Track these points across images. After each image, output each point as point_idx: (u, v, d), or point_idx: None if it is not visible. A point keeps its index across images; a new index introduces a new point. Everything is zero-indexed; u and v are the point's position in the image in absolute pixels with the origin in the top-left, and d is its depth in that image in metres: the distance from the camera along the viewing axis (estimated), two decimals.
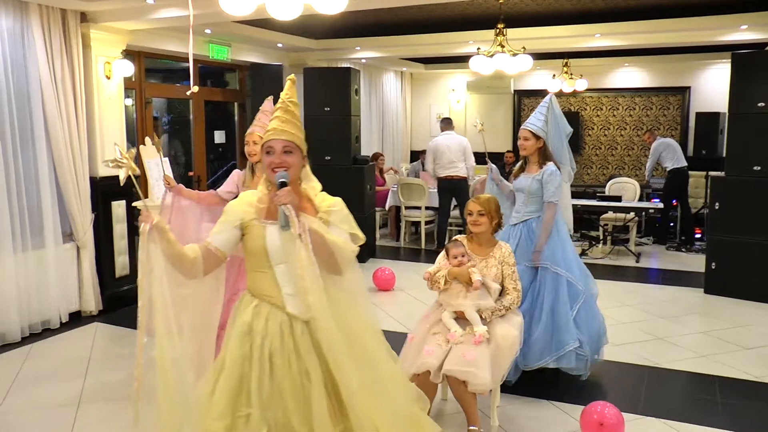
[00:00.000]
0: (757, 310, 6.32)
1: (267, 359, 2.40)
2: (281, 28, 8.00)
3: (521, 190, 4.59)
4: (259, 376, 2.39)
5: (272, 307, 2.46)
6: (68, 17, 5.83)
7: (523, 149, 4.59)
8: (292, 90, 2.62)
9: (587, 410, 3.71)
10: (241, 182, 4.20)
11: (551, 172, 4.48)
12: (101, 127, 6.31)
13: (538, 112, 4.62)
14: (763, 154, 6.55)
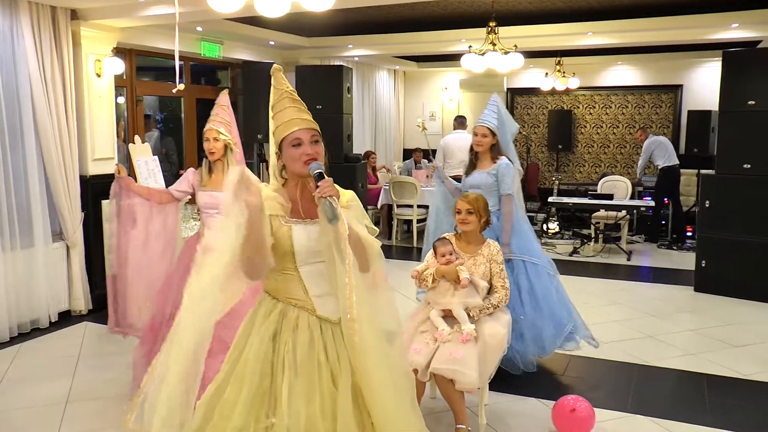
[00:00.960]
0: (746, 308, 6.35)
1: (293, 366, 2.25)
2: (273, 25, 7.98)
3: (477, 187, 4.65)
4: (285, 385, 2.23)
5: (300, 311, 2.33)
6: (58, 14, 5.81)
7: (480, 146, 4.68)
8: (285, 80, 2.48)
9: (559, 403, 3.78)
10: (198, 181, 4.07)
11: (506, 165, 4.61)
12: (91, 125, 6.29)
13: (490, 110, 4.71)
14: (754, 152, 6.57)
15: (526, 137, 11.80)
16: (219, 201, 3.87)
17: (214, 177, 4.02)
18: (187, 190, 4.09)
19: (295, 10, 3.50)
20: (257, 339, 2.32)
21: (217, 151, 3.97)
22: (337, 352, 2.29)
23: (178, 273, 3.93)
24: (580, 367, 4.91)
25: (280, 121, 2.36)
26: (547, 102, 12.16)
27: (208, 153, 3.99)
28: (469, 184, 4.73)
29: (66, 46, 5.89)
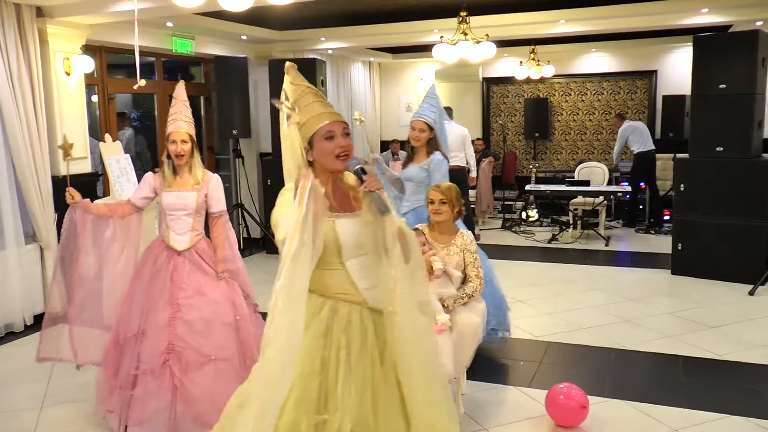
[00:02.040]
0: (722, 289, 6.42)
1: (347, 362, 2.25)
2: (244, 19, 7.91)
3: (410, 180, 4.70)
4: (339, 381, 2.23)
5: (352, 306, 2.32)
6: (23, 12, 5.70)
7: (417, 140, 4.67)
8: (301, 75, 2.47)
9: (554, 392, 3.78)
10: (160, 184, 3.82)
11: (438, 161, 4.62)
12: (62, 124, 6.20)
13: (429, 104, 4.71)
14: (726, 136, 6.64)
15: (503, 126, 11.82)
16: (187, 201, 3.78)
17: (180, 178, 3.82)
18: (148, 196, 3.87)
19: (260, 4, 3.46)
20: (308, 337, 2.26)
21: (186, 153, 3.78)
22: (387, 343, 2.31)
23: (141, 284, 3.76)
24: (558, 354, 4.93)
25: (309, 115, 2.33)
26: (523, 90, 12.18)
27: (176, 156, 3.77)
28: (405, 177, 4.75)
29: (32, 44, 5.79)
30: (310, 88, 2.41)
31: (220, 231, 3.92)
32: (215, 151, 9.34)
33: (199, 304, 3.68)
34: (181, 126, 3.82)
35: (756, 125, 6.58)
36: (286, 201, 2.28)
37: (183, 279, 3.72)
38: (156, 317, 3.63)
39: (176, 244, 3.78)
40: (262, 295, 6.56)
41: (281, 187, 2.39)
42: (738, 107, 6.56)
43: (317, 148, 2.31)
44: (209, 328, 3.66)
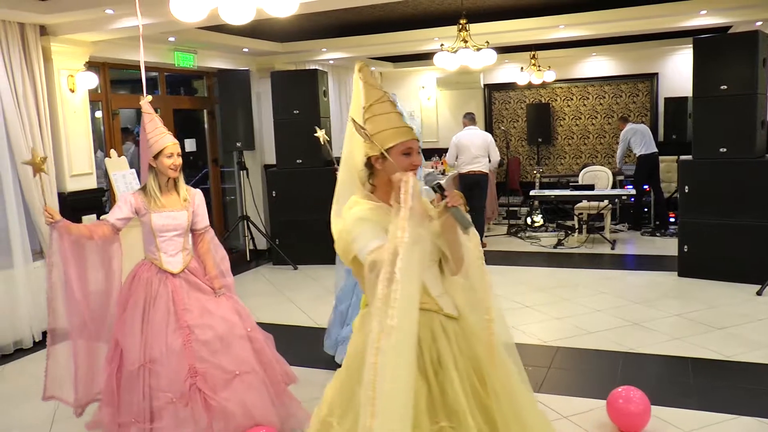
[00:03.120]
0: (728, 290, 6.40)
1: (436, 369, 2.25)
2: (245, 32, 7.96)
3: None
4: (449, 386, 2.23)
5: (429, 314, 2.30)
6: (27, 31, 5.77)
7: None
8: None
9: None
10: (143, 204, 3.62)
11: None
12: (67, 141, 6.25)
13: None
14: (729, 136, 6.64)
15: (506, 132, 11.84)
16: (178, 221, 3.67)
17: (167, 197, 3.67)
18: (128, 216, 3.64)
19: (261, 17, 3.49)
20: None
21: (178, 167, 3.65)
22: (462, 347, 2.32)
23: (136, 312, 3.58)
24: (567, 358, 4.93)
25: (389, 126, 2.34)
26: (525, 96, 12.20)
27: (170, 170, 3.61)
28: None
29: (37, 62, 5.84)
30: (387, 94, 2.41)
31: (207, 247, 3.83)
32: (219, 164, 9.38)
33: (210, 323, 3.61)
34: (172, 139, 3.66)
35: (759, 125, 6.58)
36: (360, 214, 2.27)
37: (185, 301, 3.62)
38: (167, 344, 3.50)
39: (171, 267, 3.66)
40: (268, 306, 6.61)
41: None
42: (740, 108, 6.56)
43: (393, 161, 2.31)
44: (226, 345, 3.62)
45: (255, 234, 9.02)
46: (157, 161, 3.60)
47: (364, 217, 2.27)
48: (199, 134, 9.23)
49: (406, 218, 2.06)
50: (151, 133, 3.64)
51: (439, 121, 12.73)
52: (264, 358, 3.76)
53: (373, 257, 2.16)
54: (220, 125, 8.99)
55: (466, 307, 2.35)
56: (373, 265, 2.14)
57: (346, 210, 2.34)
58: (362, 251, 2.22)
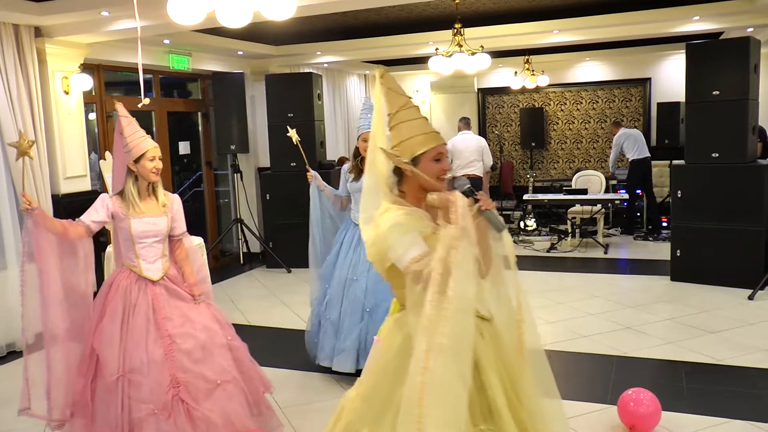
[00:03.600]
0: (721, 294, 6.44)
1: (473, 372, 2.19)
2: (240, 35, 7.97)
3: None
4: (488, 387, 2.23)
5: None
6: (21, 32, 5.75)
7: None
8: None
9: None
10: (120, 209, 3.49)
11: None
12: (62, 143, 6.24)
13: (368, 115, 4.75)
14: (721, 141, 6.68)
15: (499, 136, 11.88)
16: (158, 227, 3.56)
17: (146, 202, 3.56)
18: (104, 220, 3.50)
19: (258, 20, 3.50)
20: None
21: (160, 171, 3.57)
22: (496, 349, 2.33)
23: (113, 322, 3.43)
24: (560, 362, 4.95)
25: (418, 132, 2.34)
26: (518, 100, 12.25)
27: (152, 174, 3.52)
28: (358, 188, 4.72)
29: (31, 64, 5.83)
30: (411, 99, 2.42)
31: (185, 253, 3.73)
32: (213, 167, 9.37)
33: (191, 331, 3.49)
34: (153, 142, 3.57)
35: (750, 130, 6.63)
36: (396, 219, 2.25)
37: (165, 309, 3.50)
38: (148, 353, 3.37)
39: (150, 274, 3.54)
40: (262, 309, 6.61)
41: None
42: (732, 113, 6.61)
43: (423, 167, 2.32)
44: (208, 354, 3.52)
45: (248, 237, 9.02)
46: (138, 165, 3.49)
47: (401, 223, 2.24)
48: (193, 137, 9.23)
49: (459, 238, 2.05)
50: (130, 136, 3.52)
51: (433, 125, 12.73)
52: (243, 367, 3.68)
53: (417, 268, 2.13)
54: (215, 128, 8.98)
55: (495, 309, 2.36)
56: (418, 276, 2.12)
57: (379, 215, 2.31)
58: (402, 259, 2.19)
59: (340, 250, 4.84)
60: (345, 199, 4.96)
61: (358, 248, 4.71)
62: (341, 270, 4.74)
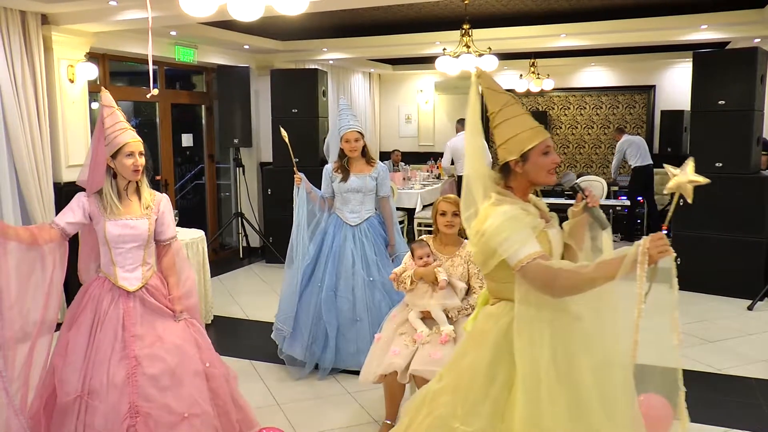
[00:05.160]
0: (720, 304, 6.44)
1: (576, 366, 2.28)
2: (247, 29, 7.95)
3: (358, 191, 4.81)
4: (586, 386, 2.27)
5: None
6: (28, 19, 5.73)
7: (354, 150, 4.79)
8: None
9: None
10: (98, 210, 3.12)
11: (384, 168, 4.91)
12: (65, 131, 6.22)
13: (349, 115, 4.82)
14: (725, 151, 6.68)
15: None
16: (138, 231, 3.16)
17: (126, 203, 3.19)
18: (80, 221, 3.14)
19: (269, 14, 3.49)
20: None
21: (142, 168, 3.19)
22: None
23: (79, 334, 3.08)
24: None
25: (525, 128, 2.36)
26: (522, 103, 12.16)
27: (133, 171, 3.14)
28: (348, 189, 4.81)
29: (37, 51, 5.81)
30: (513, 96, 2.43)
31: (172, 261, 3.32)
32: (216, 160, 9.35)
33: (161, 353, 3.06)
34: (134, 135, 3.19)
35: (755, 141, 6.63)
36: (512, 212, 2.27)
37: (137, 325, 3.10)
38: (109, 375, 2.97)
39: (126, 284, 3.15)
40: (260, 304, 6.59)
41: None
42: (737, 123, 6.60)
43: (533, 162, 2.34)
44: (177, 382, 3.07)
45: (249, 231, 9.00)
46: (116, 161, 3.12)
47: (516, 217, 2.26)
48: (196, 129, 9.21)
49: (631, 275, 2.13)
50: (110, 128, 3.14)
51: (436, 125, 12.75)
52: (220, 400, 3.22)
53: (545, 264, 2.18)
54: (218, 121, 8.97)
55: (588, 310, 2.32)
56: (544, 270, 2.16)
57: (491, 208, 2.30)
58: (516, 255, 2.20)
59: (331, 250, 4.82)
60: (330, 199, 4.96)
61: (364, 247, 4.78)
62: (353, 270, 4.77)
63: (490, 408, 2.25)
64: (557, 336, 2.22)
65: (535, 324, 2.21)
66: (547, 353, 2.18)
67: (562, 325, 2.25)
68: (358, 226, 4.85)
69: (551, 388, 2.15)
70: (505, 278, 2.29)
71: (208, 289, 6.07)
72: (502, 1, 7.10)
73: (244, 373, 4.87)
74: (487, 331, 2.36)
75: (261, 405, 4.29)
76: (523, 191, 2.41)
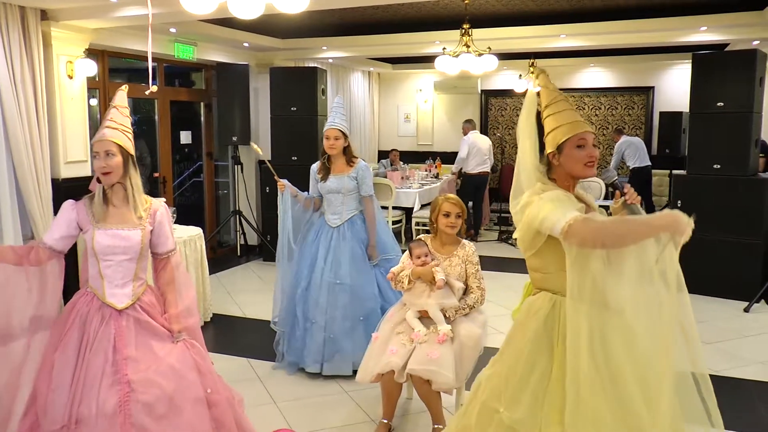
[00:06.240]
0: (717, 306, 6.45)
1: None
2: (247, 27, 7.95)
3: (337, 191, 4.72)
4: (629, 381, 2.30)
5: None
6: (27, 15, 5.71)
7: (333, 149, 4.70)
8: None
9: None
10: (87, 218, 2.87)
11: (365, 167, 4.75)
12: (63, 127, 6.20)
13: (337, 112, 4.74)
14: (723, 153, 6.69)
15: (501, 139, 11.87)
16: (129, 243, 2.86)
17: (115, 210, 2.89)
18: (71, 234, 2.89)
19: (270, 12, 3.49)
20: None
21: (112, 171, 2.84)
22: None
23: (66, 357, 2.77)
24: None
25: (564, 122, 2.45)
26: (521, 104, 12.08)
27: (101, 175, 2.84)
28: (328, 189, 4.75)
29: (36, 47, 5.79)
30: (562, 94, 2.52)
31: (171, 276, 3.01)
32: (214, 158, 9.35)
33: (157, 378, 2.74)
34: (106, 134, 2.86)
35: (753, 143, 6.64)
36: (556, 195, 2.36)
37: (130, 347, 2.79)
38: (99, 402, 2.67)
39: (114, 300, 2.84)
40: (258, 302, 6.59)
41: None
42: (735, 125, 6.62)
43: (566, 154, 2.44)
44: (175, 410, 2.75)
45: (247, 229, 9.00)
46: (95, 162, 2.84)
47: (561, 199, 2.34)
48: (194, 127, 9.20)
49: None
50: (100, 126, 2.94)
51: (435, 125, 12.76)
52: (224, 430, 2.93)
53: (589, 218, 2.21)
54: (217, 119, 8.96)
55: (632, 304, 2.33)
56: (590, 225, 2.18)
57: (535, 195, 2.40)
58: (560, 221, 2.23)
59: (318, 251, 4.77)
60: (317, 199, 4.92)
61: (337, 250, 4.69)
62: (319, 274, 4.70)
63: (530, 396, 2.35)
64: (596, 328, 2.26)
65: (577, 316, 2.26)
66: (586, 345, 2.23)
67: (602, 318, 2.28)
68: (338, 227, 4.76)
69: (592, 379, 2.20)
70: (546, 268, 2.40)
71: (206, 287, 6.08)
72: (502, 1, 7.11)
73: (242, 371, 4.88)
74: (527, 321, 2.48)
75: (258, 404, 4.29)
76: (565, 183, 2.48)
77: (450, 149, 12.26)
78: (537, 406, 2.35)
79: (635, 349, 2.28)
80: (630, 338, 2.29)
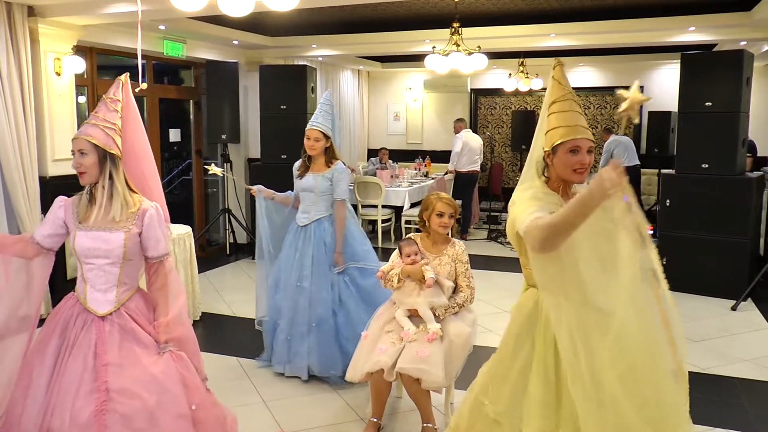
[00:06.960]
0: (704, 304, 6.49)
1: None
2: (236, 24, 7.92)
3: (310, 190, 4.62)
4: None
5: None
6: (14, 11, 5.66)
7: (313, 149, 4.60)
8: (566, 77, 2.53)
9: None
10: (73, 217, 2.73)
11: (342, 170, 4.62)
12: (51, 125, 6.16)
13: (324, 112, 4.64)
14: (711, 152, 6.73)
15: (490, 137, 11.90)
16: (110, 245, 2.68)
17: (98, 210, 2.70)
18: (58, 233, 2.76)
19: (259, 10, 3.48)
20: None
21: (87, 171, 2.68)
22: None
23: (42, 362, 2.63)
24: None
25: (563, 123, 2.43)
26: (511, 102, 12.27)
27: (78, 174, 2.72)
28: (302, 188, 4.66)
29: (23, 43, 5.74)
30: (572, 93, 2.49)
31: (163, 282, 2.80)
32: (203, 156, 9.31)
33: (138, 389, 2.55)
34: (81, 131, 2.71)
35: (740, 143, 6.68)
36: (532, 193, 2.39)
37: (111, 353, 2.61)
38: (73, 411, 2.50)
39: (94, 306, 2.68)
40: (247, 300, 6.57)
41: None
42: (723, 125, 6.65)
43: (559, 157, 2.43)
44: (155, 424, 2.55)
45: (236, 228, 8.97)
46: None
47: (537, 197, 2.35)
48: (183, 125, 9.16)
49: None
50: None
51: (424, 123, 12.77)
52: None
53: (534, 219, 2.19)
54: (206, 117, 8.92)
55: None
56: (533, 225, 2.16)
57: (522, 191, 2.43)
58: (524, 223, 2.23)
59: (288, 252, 4.71)
60: (299, 198, 4.82)
61: (302, 251, 4.61)
62: (287, 274, 4.66)
63: (511, 390, 2.41)
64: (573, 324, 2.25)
65: (555, 310, 2.28)
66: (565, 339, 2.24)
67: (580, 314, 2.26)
68: (306, 227, 4.64)
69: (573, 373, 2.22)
70: (529, 264, 2.40)
71: (195, 285, 6.05)
72: (492, 0, 7.12)
73: (231, 370, 4.87)
74: (515, 317, 2.56)
75: (247, 402, 4.28)
76: (555, 184, 2.48)
77: (439, 148, 12.28)
78: (517, 400, 2.40)
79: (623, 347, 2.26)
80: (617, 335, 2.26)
